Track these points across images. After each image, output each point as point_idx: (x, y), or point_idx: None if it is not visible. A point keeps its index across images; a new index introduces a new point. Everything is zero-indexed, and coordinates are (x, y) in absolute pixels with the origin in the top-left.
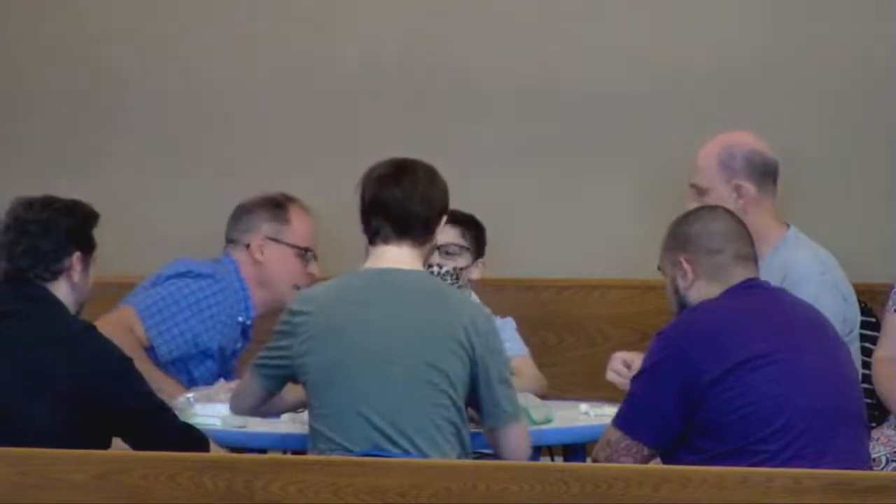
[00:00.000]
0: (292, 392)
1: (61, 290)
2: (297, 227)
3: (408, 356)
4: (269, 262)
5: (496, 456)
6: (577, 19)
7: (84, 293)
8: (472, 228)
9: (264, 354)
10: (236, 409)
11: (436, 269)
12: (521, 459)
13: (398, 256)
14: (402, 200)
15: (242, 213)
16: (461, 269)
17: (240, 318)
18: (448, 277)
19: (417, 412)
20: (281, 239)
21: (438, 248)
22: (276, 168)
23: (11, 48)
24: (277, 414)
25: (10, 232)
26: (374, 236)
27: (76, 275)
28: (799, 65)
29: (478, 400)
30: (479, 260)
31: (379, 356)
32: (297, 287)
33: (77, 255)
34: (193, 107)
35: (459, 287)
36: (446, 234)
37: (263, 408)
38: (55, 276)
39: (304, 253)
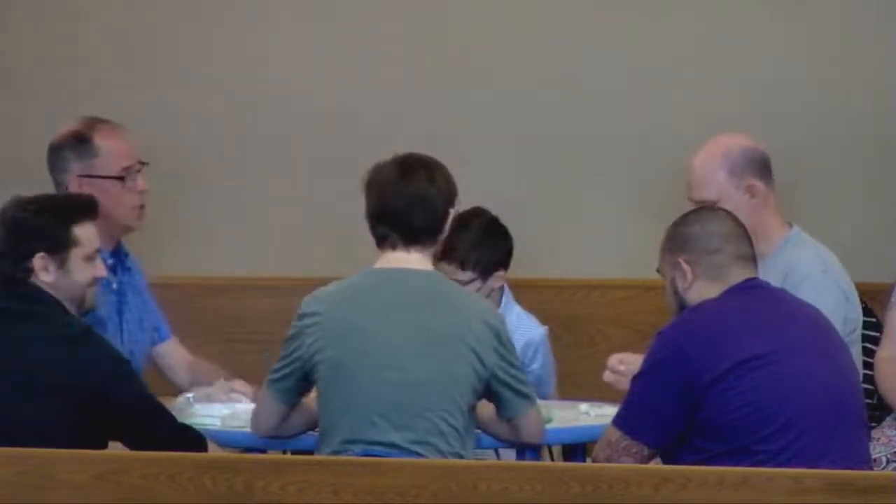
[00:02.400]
0: (310, 404)
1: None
2: (109, 154)
3: (413, 359)
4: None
5: (511, 443)
6: (577, 20)
7: (73, 290)
8: (472, 254)
9: (276, 367)
10: (257, 431)
11: None
12: (539, 441)
13: (407, 260)
14: (405, 212)
15: (52, 154)
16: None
17: None
18: None
19: (420, 415)
20: (94, 173)
21: None
22: (281, 167)
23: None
24: (298, 432)
25: None
26: (381, 242)
27: (47, 275)
28: (798, 64)
29: (495, 396)
30: (496, 273)
31: (383, 358)
32: (139, 207)
33: (39, 255)
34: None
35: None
36: (444, 268)
37: (284, 425)
38: (27, 276)
39: (122, 179)
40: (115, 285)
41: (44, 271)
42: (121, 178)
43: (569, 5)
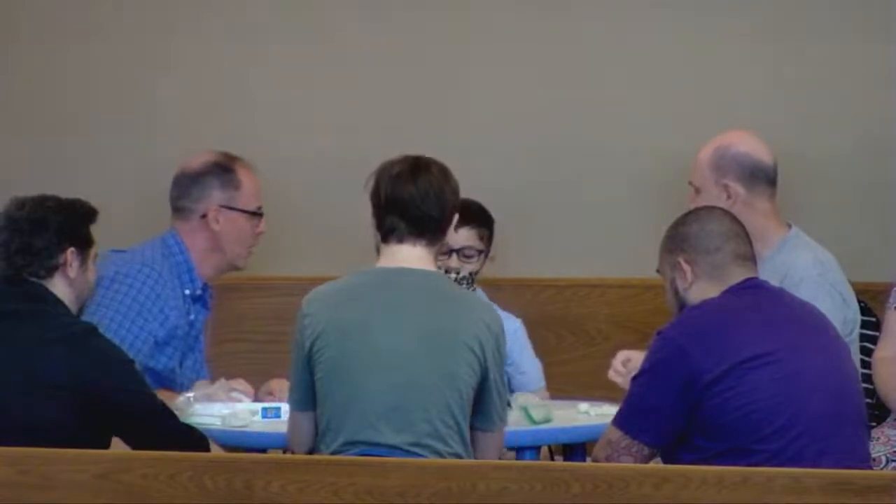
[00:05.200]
0: None
1: (59, 287)
2: (248, 190)
3: (413, 359)
4: (223, 230)
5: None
6: (578, 21)
7: (84, 290)
8: (486, 226)
9: (293, 385)
10: (299, 451)
11: (452, 274)
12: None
13: (411, 256)
14: (418, 200)
15: (190, 182)
16: (476, 272)
17: (186, 291)
18: (464, 283)
19: (420, 416)
20: (235, 206)
21: (456, 251)
22: (281, 168)
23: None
24: None
25: (4, 231)
26: (388, 235)
27: (72, 271)
28: (798, 66)
29: (478, 402)
30: (490, 254)
31: (383, 358)
32: (250, 249)
33: (71, 250)
34: None
35: (473, 290)
36: (462, 235)
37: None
38: (50, 272)
39: (257, 216)
40: (191, 316)
41: (70, 267)
42: (256, 214)
43: (569, 6)
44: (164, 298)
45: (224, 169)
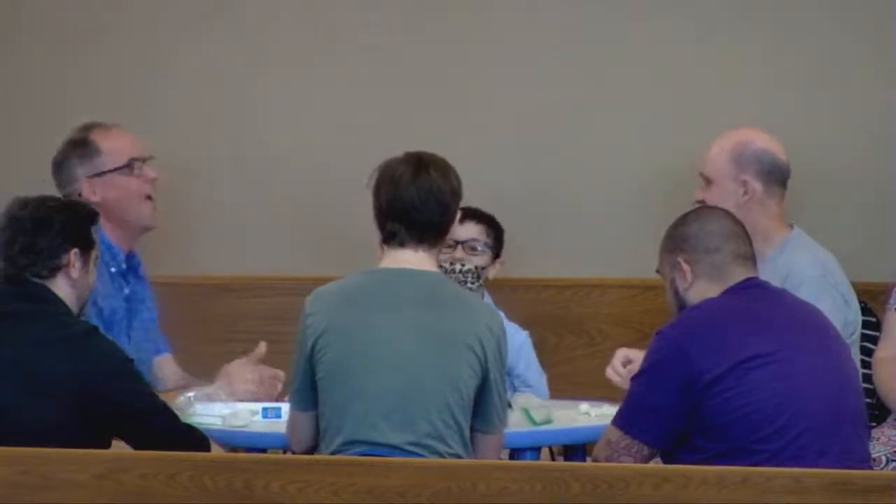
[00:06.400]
0: None
1: (61, 287)
2: (112, 149)
3: (414, 360)
4: (108, 197)
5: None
6: (578, 20)
7: (85, 291)
8: (494, 227)
9: (295, 384)
10: (298, 449)
11: (458, 265)
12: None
13: (413, 259)
14: (419, 206)
15: (57, 169)
16: (483, 267)
17: (113, 269)
18: (469, 276)
19: (421, 417)
20: (102, 170)
21: (462, 242)
22: (281, 167)
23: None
24: None
25: (6, 231)
26: (389, 239)
27: (74, 271)
28: (799, 64)
29: (479, 404)
30: (498, 259)
31: (384, 358)
32: (148, 198)
33: (74, 251)
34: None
35: (479, 286)
36: (470, 229)
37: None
38: (53, 273)
39: (130, 167)
40: (126, 291)
41: (73, 268)
42: (128, 167)
43: (570, 6)
44: (94, 290)
45: (79, 143)
